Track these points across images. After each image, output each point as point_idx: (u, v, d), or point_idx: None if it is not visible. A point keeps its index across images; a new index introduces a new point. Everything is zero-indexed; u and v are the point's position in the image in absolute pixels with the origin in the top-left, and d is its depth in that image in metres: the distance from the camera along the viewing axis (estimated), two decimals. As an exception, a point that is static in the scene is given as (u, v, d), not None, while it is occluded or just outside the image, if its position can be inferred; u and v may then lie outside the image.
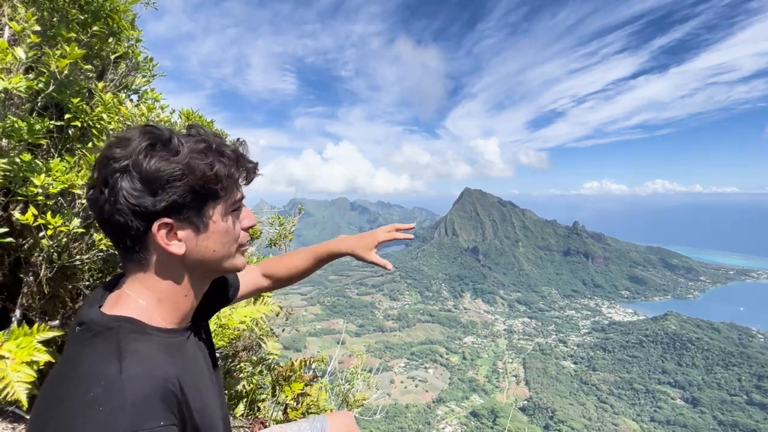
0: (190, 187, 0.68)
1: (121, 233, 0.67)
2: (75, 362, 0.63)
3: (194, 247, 0.73)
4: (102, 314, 0.69)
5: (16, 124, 1.50)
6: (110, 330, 0.66)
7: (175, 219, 0.69)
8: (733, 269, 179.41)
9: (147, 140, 0.66)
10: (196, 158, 0.68)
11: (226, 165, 0.72)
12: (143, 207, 0.65)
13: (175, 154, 0.67)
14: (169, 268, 0.73)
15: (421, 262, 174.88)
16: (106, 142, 0.70)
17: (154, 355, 0.67)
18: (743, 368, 79.92)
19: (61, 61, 1.64)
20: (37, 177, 1.52)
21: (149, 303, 0.72)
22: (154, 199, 0.65)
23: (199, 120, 2.73)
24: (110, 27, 2.05)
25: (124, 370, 0.60)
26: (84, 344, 0.65)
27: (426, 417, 73.12)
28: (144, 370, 0.63)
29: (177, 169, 0.66)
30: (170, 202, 0.67)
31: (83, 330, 0.68)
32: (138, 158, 0.65)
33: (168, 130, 0.70)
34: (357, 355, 3.90)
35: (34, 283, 1.83)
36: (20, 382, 1.20)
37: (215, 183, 0.71)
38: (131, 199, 0.64)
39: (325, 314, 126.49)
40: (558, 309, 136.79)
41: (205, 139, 0.71)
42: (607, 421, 75.03)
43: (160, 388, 0.64)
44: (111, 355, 0.62)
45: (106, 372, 0.60)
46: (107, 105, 1.91)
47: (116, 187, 0.64)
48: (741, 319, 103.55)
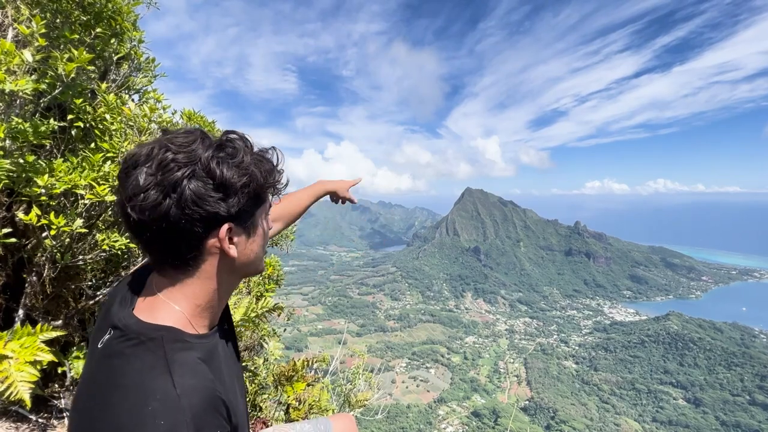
0: (253, 193, 0.72)
1: (179, 238, 0.67)
2: (123, 371, 0.64)
3: (243, 250, 0.76)
4: (139, 322, 0.70)
5: (21, 125, 1.51)
6: (153, 341, 0.66)
7: (236, 224, 0.72)
8: (735, 269, 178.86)
9: (211, 146, 0.68)
10: (257, 165, 0.73)
11: (270, 172, 0.76)
12: (215, 213, 0.67)
13: (241, 161, 0.70)
14: (217, 273, 0.74)
15: (423, 262, 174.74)
16: (145, 144, 0.69)
17: (198, 365, 0.68)
18: (746, 368, 79.60)
19: (68, 65, 1.65)
20: (41, 177, 1.53)
21: (187, 310, 0.73)
22: (226, 205, 0.68)
23: (201, 120, 2.73)
24: (113, 28, 2.06)
25: (178, 384, 0.62)
26: (128, 354, 0.66)
27: (427, 417, 73.06)
28: (195, 381, 0.64)
29: (245, 176, 0.69)
30: (240, 207, 0.70)
31: (122, 337, 0.68)
32: (210, 165, 0.66)
33: (217, 136, 0.73)
34: (358, 355, 3.90)
35: (38, 283, 1.83)
36: (23, 381, 1.21)
37: (267, 189, 0.77)
38: (206, 205, 0.65)
39: (327, 314, 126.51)
40: (559, 309, 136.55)
41: (251, 147, 0.75)
42: (609, 422, 74.85)
43: (211, 397, 0.65)
44: (160, 367, 0.64)
45: (161, 386, 0.62)
46: (110, 106, 1.92)
47: (185, 193, 0.64)
48: (743, 319, 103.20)
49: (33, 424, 1.89)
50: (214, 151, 0.68)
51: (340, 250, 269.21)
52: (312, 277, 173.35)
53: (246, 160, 0.71)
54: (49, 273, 1.81)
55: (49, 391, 1.98)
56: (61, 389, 2.03)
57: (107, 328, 0.72)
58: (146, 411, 0.59)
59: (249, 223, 0.75)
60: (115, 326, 0.70)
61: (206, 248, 0.71)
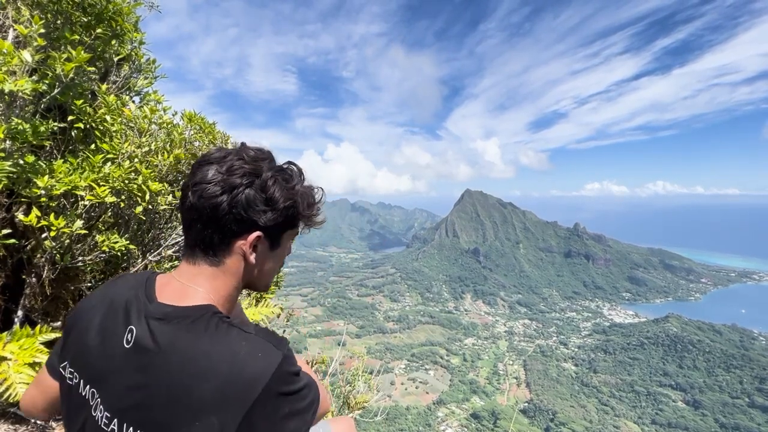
0: (290, 215, 0.83)
1: (217, 229, 0.77)
2: (191, 344, 0.69)
3: (261, 261, 0.85)
4: (177, 308, 0.76)
5: (20, 126, 1.52)
6: (203, 316, 0.74)
7: (265, 235, 0.81)
8: (734, 271, 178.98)
9: (274, 168, 0.82)
10: (303, 195, 0.85)
11: (310, 204, 0.87)
12: (253, 219, 0.78)
13: (292, 188, 0.83)
14: (237, 272, 0.83)
15: (422, 264, 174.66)
16: (227, 150, 0.82)
17: (246, 322, 0.80)
18: (745, 371, 79.58)
19: (66, 65, 1.65)
20: (41, 179, 1.54)
21: (216, 298, 0.81)
22: (265, 217, 0.79)
23: (201, 122, 2.73)
24: (113, 29, 2.06)
25: (247, 329, 0.74)
26: (185, 330, 0.71)
27: (426, 419, 72.89)
28: (253, 324, 0.79)
29: (290, 200, 0.81)
30: (274, 223, 0.81)
31: (167, 324, 0.73)
32: (267, 182, 0.78)
33: (293, 166, 0.87)
34: (358, 356, 3.89)
35: (37, 285, 1.83)
36: (22, 383, 1.21)
37: (303, 218, 0.87)
38: (250, 211, 0.77)
39: (326, 315, 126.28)
40: (559, 311, 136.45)
41: (304, 179, 0.88)
42: (609, 424, 74.71)
43: (271, 330, 0.79)
44: (223, 327, 0.73)
45: (235, 335, 0.72)
46: (111, 107, 1.92)
47: (239, 195, 0.76)
48: (742, 321, 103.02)
49: (31, 426, 1.88)
50: (275, 172, 0.80)
51: (340, 251, 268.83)
52: (311, 278, 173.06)
53: (296, 188, 0.83)
54: (48, 274, 1.81)
55: (48, 392, 1.97)
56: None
57: (137, 326, 0.74)
58: (242, 356, 0.68)
59: (275, 240, 0.85)
60: (152, 319, 0.74)
61: (234, 246, 0.80)
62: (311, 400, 0.74)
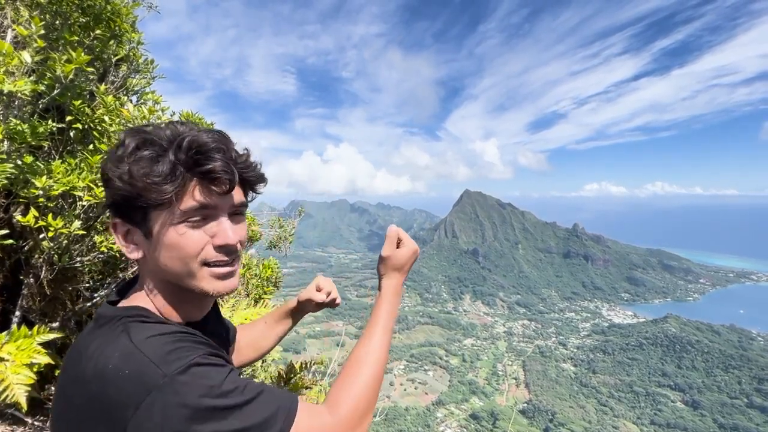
0: (117, 191, 0.64)
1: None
2: (84, 348, 0.63)
3: (150, 256, 0.69)
4: (111, 308, 0.70)
5: (19, 126, 1.51)
6: (116, 318, 0.65)
7: (122, 220, 0.68)
8: (732, 272, 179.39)
9: (134, 138, 0.65)
10: (146, 164, 0.63)
11: (172, 175, 0.63)
12: (105, 198, 0.68)
13: (121, 157, 0.64)
14: (150, 271, 0.72)
15: (421, 264, 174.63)
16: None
17: (160, 327, 0.65)
18: (743, 371, 79.79)
19: (66, 66, 1.64)
20: (39, 179, 1.53)
21: (156, 301, 0.72)
22: (107, 194, 0.67)
23: (200, 122, 2.73)
24: (112, 30, 2.06)
25: (135, 339, 0.60)
26: (91, 334, 0.65)
27: (426, 419, 72.87)
28: (155, 331, 0.63)
29: (114, 171, 0.64)
30: (111, 201, 0.67)
31: (92, 324, 0.68)
32: (105, 157, 0.68)
33: (140, 130, 0.67)
34: (357, 357, 3.88)
35: (35, 285, 1.83)
36: (20, 384, 1.20)
37: (144, 191, 0.63)
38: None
39: (325, 316, 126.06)
40: (558, 311, 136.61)
41: (152, 143, 0.65)
42: (608, 424, 74.82)
43: (175, 334, 0.64)
44: (117, 333, 0.62)
45: (118, 345, 0.60)
46: (109, 107, 1.92)
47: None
48: (741, 321, 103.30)
49: (29, 427, 1.87)
50: (120, 145, 0.66)
51: (339, 251, 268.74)
52: (310, 279, 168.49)
53: (113, 157, 0.65)
54: (46, 275, 1.80)
55: (46, 393, 1.97)
56: (57, 392, 2.01)
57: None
58: (108, 370, 0.57)
59: (143, 226, 0.66)
60: (93, 319, 0.70)
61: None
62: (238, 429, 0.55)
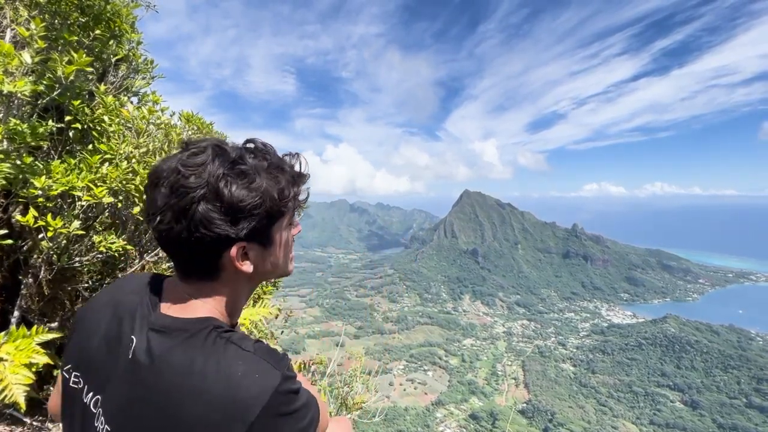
0: (266, 212, 0.71)
1: (196, 256, 0.69)
2: (189, 360, 0.65)
3: (260, 263, 0.76)
4: (177, 319, 0.71)
5: (18, 126, 1.51)
6: (203, 329, 0.69)
7: (248, 242, 0.71)
8: (731, 272, 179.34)
9: (222, 164, 0.67)
10: (270, 181, 0.70)
11: (291, 184, 0.75)
12: (225, 235, 0.67)
13: (252, 181, 0.68)
14: (235, 283, 0.77)
15: (421, 264, 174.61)
16: (168, 160, 0.69)
17: (244, 333, 0.72)
18: (742, 371, 79.84)
19: (68, 68, 1.65)
20: (38, 179, 1.53)
21: (219, 309, 0.76)
22: (236, 228, 0.67)
23: (199, 122, 2.73)
24: (111, 30, 2.06)
25: (245, 347, 0.67)
26: (181, 349, 0.66)
27: (425, 419, 72.80)
28: (253, 341, 0.70)
29: (257, 197, 0.68)
30: (251, 229, 0.69)
31: (166, 337, 0.68)
32: (218, 186, 0.65)
33: (235, 148, 0.71)
34: (356, 357, 3.90)
35: (34, 285, 1.82)
36: (18, 384, 1.20)
37: (287, 204, 0.75)
38: (214, 228, 0.65)
39: (324, 316, 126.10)
40: (557, 311, 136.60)
41: (270, 159, 0.73)
42: (607, 424, 74.79)
43: (271, 347, 0.72)
44: (221, 343, 0.67)
45: (233, 353, 0.65)
46: (108, 107, 1.92)
47: (195, 217, 0.64)
48: (740, 321, 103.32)
49: (27, 427, 1.87)
50: (226, 170, 0.66)
51: (338, 252, 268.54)
52: (310, 279, 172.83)
53: (257, 180, 0.69)
54: (45, 275, 1.80)
55: (44, 393, 1.97)
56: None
57: (138, 335, 0.70)
58: (238, 377, 0.62)
59: (264, 239, 0.75)
60: (152, 331, 0.70)
61: (222, 263, 0.72)
62: (311, 419, 0.69)
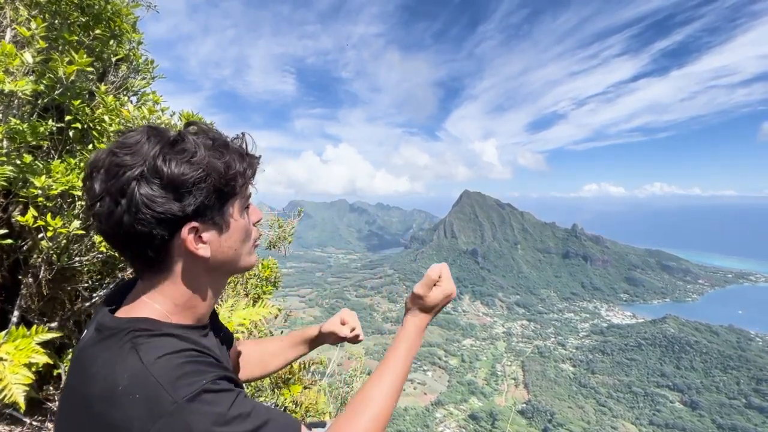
0: (213, 188, 0.66)
1: (143, 244, 0.64)
2: (90, 363, 0.62)
3: (218, 248, 0.71)
4: (114, 318, 0.68)
5: (19, 126, 1.51)
6: (123, 330, 0.64)
7: (200, 222, 0.67)
8: (731, 272, 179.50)
9: (159, 143, 0.64)
10: (215, 157, 0.66)
11: (238, 160, 0.70)
12: (170, 214, 0.63)
13: (193, 155, 0.64)
14: (190, 273, 0.71)
15: (420, 265, 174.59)
16: (102, 149, 0.65)
17: (167, 339, 0.64)
18: (742, 371, 79.94)
19: (68, 68, 1.64)
20: (38, 178, 1.53)
21: (165, 307, 0.70)
22: (181, 204, 0.63)
23: (199, 122, 2.73)
24: (112, 30, 2.06)
25: (145, 359, 0.58)
26: (97, 346, 0.64)
27: (425, 420, 72.84)
28: (163, 350, 0.61)
29: (200, 170, 0.64)
30: (198, 205, 0.65)
31: (96, 335, 0.66)
32: (156, 163, 0.61)
33: (170, 130, 0.68)
34: (356, 357, 3.90)
35: (33, 285, 1.82)
36: (18, 384, 1.19)
37: (235, 180, 0.70)
38: (157, 207, 0.61)
39: (324, 316, 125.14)
40: (557, 311, 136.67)
41: (213, 137, 0.69)
42: (606, 424, 74.84)
43: (187, 353, 0.62)
44: (126, 350, 0.60)
45: (128, 365, 0.58)
46: (109, 107, 1.92)
47: (134, 196, 0.60)
48: (739, 322, 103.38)
49: (27, 427, 1.87)
50: (163, 147, 0.63)
51: (338, 252, 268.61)
52: (309, 279, 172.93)
53: (200, 154, 0.65)
54: (45, 274, 1.80)
55: (44, 393, 1.97)
56: (56, 392, 2.01)
57: (89, 335, 0.70)
58: (118, 392, 0.56)
59: (218, 219, 0.69)
60: (94, 328, 0.69)
61: (174, 249, 0.67)
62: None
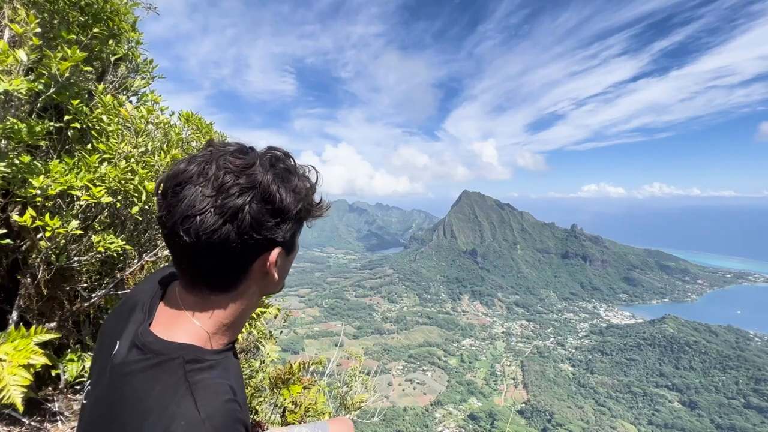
0: (301, 218, 0.72)
1: (232, 261, 0.65)
2: (143, 394, 0.62)
3: (280, 272, 0.75)
4: (158, 340, 0.68)
5: (16, 125, 1.51)
6: (173, 361, 0.64)
7: (284, 247, 0.70)
8: (730, 272, 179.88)
9: (272, 169, 0.67)
10: (307, 188, 0.72)
11: (313, 191, 0.74)
12: (272, 238, 0.66)
13: (296, 186, 0.69)
14: (253, 293, 0.73)
15: (420, 265, 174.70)
16: (190, 164, 0.65)
17: (219, 384, 0.66)
18: (740, 371, 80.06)
19: (62, 64, 1.64)
20: (36, 178, 1.53)
21: (210, 328, 0.70)
22: (282, 231, 0.67)
23: (198, 122, 2.73)
24: (111, 29, 2.06)
25: (201, 407, 0.61)
26: (147, 374, 0.64)
27: (424, 420, 72.83)
28: (217, 403, 0.63)
29: (300, 201, 0.69)
30: (291, 231, 0.69)
31: (140, 356, 0.66)
32: (270, 189, 0.64)
33: (266, 153, 0.70)
34: (355, 357, 3.89)
35: (32, 285, 1.82)
36: (16, 385, 1.19)
37: (311, 210, 0.74)
38: (263, 230, 0.64)
39: (323, 316, 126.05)
40: (556, 312, 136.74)
41: (293, 165, 0.73)
42: (605, 424, 74.92)
43: (234, 418, 0.65)
44: (182, 390, 0.62)
45: (185, 410, 0.60)
46: (107, 107, 1.91)
47: (246, 218, 0.62)
48: (738, 322, 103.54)
49: (26, 428, 1.87)
50: (273, 175, 0.66)
51: (337, 252, 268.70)
52: (309, 279, 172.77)
53: (299, 185, 0.70)
54: (43, 275, 1.80)
55: (43, 394, 1.96)
56: (54, 392, 2.01)
57: (123, 340, 0.70)
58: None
59: (291, 245, 0.74)
60: (134, 343, 0.68)
61: (251, 271, 0.69)
62: None
